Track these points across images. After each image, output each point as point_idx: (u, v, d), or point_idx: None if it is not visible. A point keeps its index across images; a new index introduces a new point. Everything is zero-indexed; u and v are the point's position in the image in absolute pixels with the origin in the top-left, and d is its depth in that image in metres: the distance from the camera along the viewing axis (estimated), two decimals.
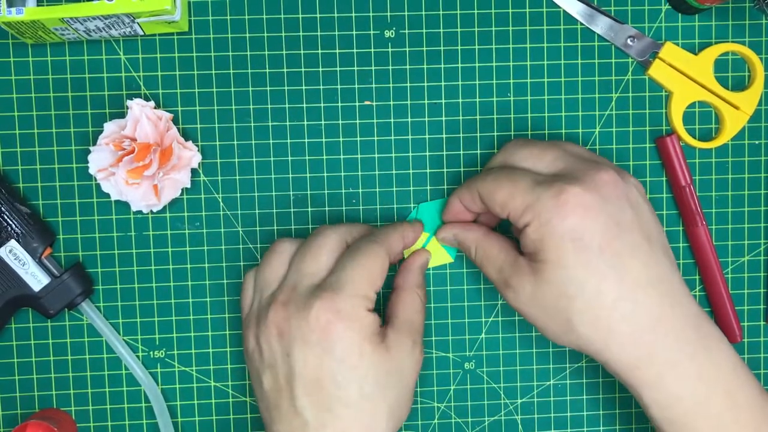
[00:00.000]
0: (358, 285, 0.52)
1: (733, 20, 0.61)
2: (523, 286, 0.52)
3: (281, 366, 0.51)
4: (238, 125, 0.59)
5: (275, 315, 0.52)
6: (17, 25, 0.53)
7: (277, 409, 0.52)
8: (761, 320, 0.63)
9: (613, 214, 0.50)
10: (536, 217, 0.50)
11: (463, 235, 0.57)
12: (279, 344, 0.51)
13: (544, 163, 0.52)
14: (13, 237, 0.56)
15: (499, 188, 0.52)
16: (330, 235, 0.54)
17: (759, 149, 0.62)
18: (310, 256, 0.53)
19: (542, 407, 0.62)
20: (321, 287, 0.51)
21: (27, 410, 0.60)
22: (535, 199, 0.50)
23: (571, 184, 0.50)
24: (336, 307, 0.50)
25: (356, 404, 0.51)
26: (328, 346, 0.50)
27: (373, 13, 0.59)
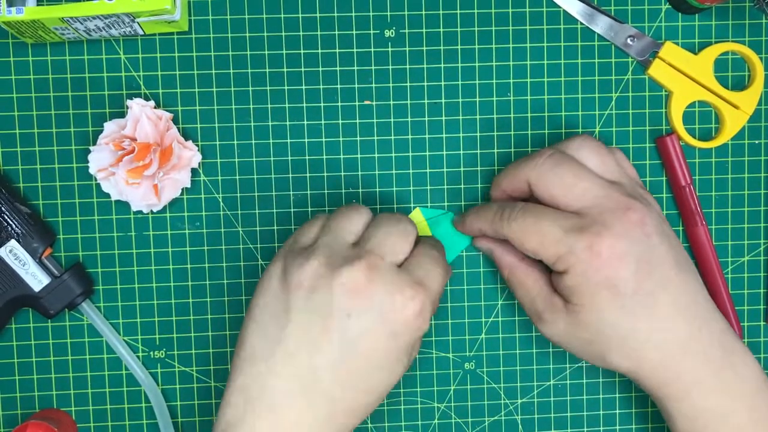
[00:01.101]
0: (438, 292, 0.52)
1: (733, 20, 0.61)
2: (557, 322, 0.54)
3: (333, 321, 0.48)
4: (238, 125, 0.59)
5: (360, 272, 0.48)
6: (17, 24, 0.53)
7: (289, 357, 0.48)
8: (761, 320, 0.63)
9: (643, 254, 0.51)
10: (571, 267, 0.51)
11: (500, 254, 0.58)
12: (347, 299, 0.48)
13: (573, 196, 0.52)
14: (13, 237, 0.56)
15: (528, 239, 0.52)
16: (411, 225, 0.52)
17: (759, 149, 0.62)
18: (395, 237, 0.51)
19: (542, 407, 0.62)
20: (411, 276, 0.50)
21: (27, 410, 0.60)
22: (568, 251, 0.51)
23: (602, 234, 0.50)
24: (424, 304, 0.50)
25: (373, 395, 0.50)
26: (398, 333, 0.49)
27: (373, 13, 0.59)
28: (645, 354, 0.52)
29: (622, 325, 0.51)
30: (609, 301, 0.51)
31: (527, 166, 0.54)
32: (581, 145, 0.54)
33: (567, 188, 0.52)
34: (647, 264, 0.51)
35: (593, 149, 0.54)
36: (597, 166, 0.54)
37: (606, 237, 0.50)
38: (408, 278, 0.50)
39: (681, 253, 0.53)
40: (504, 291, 0.61)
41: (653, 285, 0.51)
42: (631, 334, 0.52)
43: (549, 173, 0.53)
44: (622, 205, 0.52)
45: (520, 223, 0.53)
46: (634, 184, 0.54)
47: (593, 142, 0.54)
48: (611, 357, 0.53)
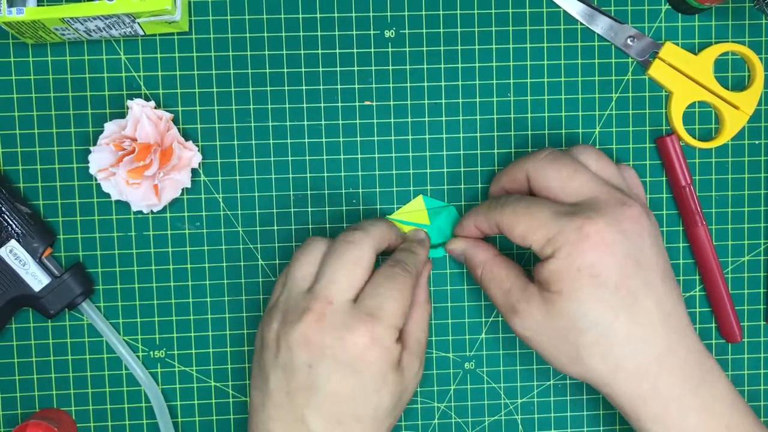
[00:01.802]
0: (396, 316, 0.52)
1: (733, 20, 0.61)
2: (532, 313, 0.52)
3: (300, 373, 0.51)
4: (239, 125, 0.59)
5: (307, 326, 0.50)
6: (17, 25, 0.53)
7: (278, 407, 0.51)
8: (761, 320, 0.63)
9: (632, 251, 0.50)
10: (557, 250, 0.50)
11: (472, 252, 0.57)
12: (305, 354, 0.50)
13: (571, 189, 0.52)
14: (13, 237, 0.56)
15: (519, 222, 0.52)
16: (365, 248, 0.53)
17: (759, 149, 0.62)
18: (346, 271, 0.52)
19: (542, 407, 0.62)
20: (361, 309, 0.51)
21: (27, 410, 0.60)
22: (557, 231, 0.50)
23: (593, 218, 0.50)
24: (375, 335, 0.50)
25: (367, 420, 0.51)
26: (359, 369, 0.50)
27: (373, 13, 0.59)
28: (621, 360, 0.51)
29: (600, 319, 0.50)
30: (590, 289, 0.50)
31: (527, 161, 0.54)
32: (584, 149, 0.54)
33: (564, 181, 0.52)
34: (635, 262, 0.50)
35: (595, 154, 0.54)
36: (598, 170, 0.54)
37: (597, 221, 0.50)
38: (358, 314, 0.51)
39: (668, 265, 0.53)
40: None
41: (637, 285, 0.50)
42: (609, 333, 0.50)
43: (548, 166, 0.53)
44: (619, 200, 0.51)
45: (513, 207, 0.53)
46: (636, 195, 0.54)
47: (596, 150, 0.55)
48: (586, 356, 0.51)
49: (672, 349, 0.51)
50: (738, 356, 0.63)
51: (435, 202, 0.60)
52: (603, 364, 0.51)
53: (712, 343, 0.63)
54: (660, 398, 0.51)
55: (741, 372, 0.63)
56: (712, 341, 0.63)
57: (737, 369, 0.63)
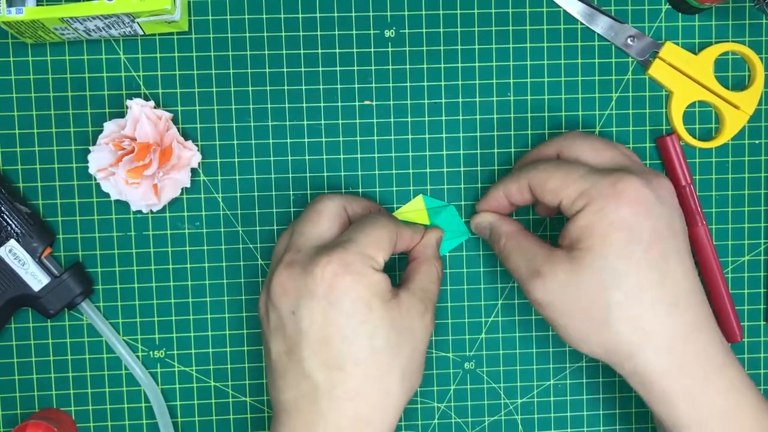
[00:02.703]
0: (367, 245, 0.50)
1: (733, 20, 0.61)
2: (557, 273, 0.50)
3: (288, 326, 0.50)
4: (238, 125, 0.59)
5: (279, 276, 0.50)
6: (17, 24, 0.53)
7: (283, 376, 0.50)
8: (761, 320, 0.63)
9: (665, 216, 0.49)
10: (590, 203, 0.49)
11: (498, 224, 0.56)
12: (285, 303, 0.50)
13: (603, 159, 0.52)
14: (12, 237, 0.56)
15: (552, 177, 0.51)
16: (326, 201, 0.53)
17: (759, 149, 0.62)
18: (310, 222, 0.52)
19: (542, 407, 0.62)
20: (327, 245, 0.51)
21: (27, 410, 0.60)
22: (591, 186, 0.50)
23: (630, 176, 0.49)
24: (343, 261, 0.49)
25: (367, 360, 0.49)
26: (335, 299, 0.49)
27: (373, 13, 0.59)
28: (650, 326, 0.49)
29: (628, 277, 0.48)
30: (621, 245, 0.48)
31: (559, 137, 0.55)
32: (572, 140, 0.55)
33: (597, 152, 0.52)
34: (667, 228, 0.49)
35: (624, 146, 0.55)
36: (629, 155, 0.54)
37: (634, 180, 0.49)
38: (326, 250, 0.50)
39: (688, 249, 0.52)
40: (504, 291, 0.61)
41: (669, 250, 0.49)
42: (638, 292, 0.48)
43: (580, 140, 0.53)
44: (654, 173, 0.51)
45: (546, 164, 0.52)
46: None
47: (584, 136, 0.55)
48: (613, 320, 0.49)
49: (698, 325, 0.50)
50: (738, 356, 0.63)
51: (435, 201, 0.60)
52: (632, 329, 0.49)
53: None
54: (689, 375, 0.49)
55: None
56: None
57: None
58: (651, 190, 0.49)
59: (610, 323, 0.49)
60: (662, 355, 0.49)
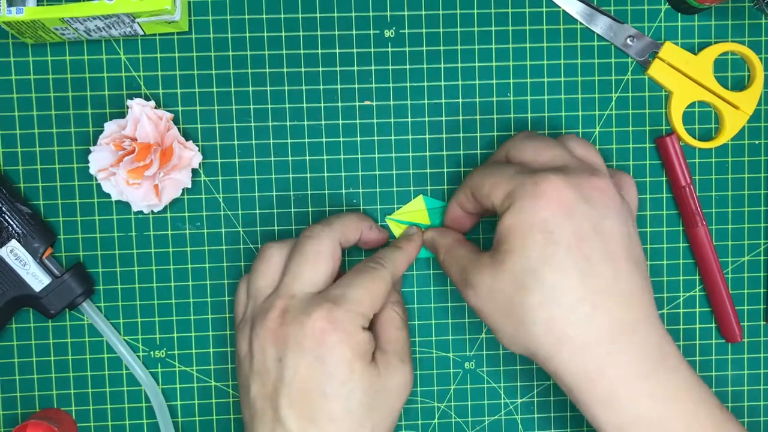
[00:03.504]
0: (360, 303, 0.51)
1: (732, 20, 0.61)
2: (483, 280, 0.50)
3: (272, 371, 0.51)
4: (239, 125, 0.59)
5: (272, 321, 0.51)
6: (17, 24, 0.53)
7: (260, 417, 0.51)
8: (761, 320, 0.63)
9: (591, 216, 0.48)
10: (513, 203, 0.49)
11: (438, 238, 0.57)
12: (273, 349, 0.51)
13: (543, 158, 0.51)
14: (14, 237, 0.56)
15: (485, 181, 0.52)
16: (325, 241, 0.53)
17: (759, 149, 0.62)
18: (308, 265, 0.52)
19: (542, 407, 0.62)
20: (322, 296, 0.51)
21: (27, 410, 0.60)
22: (516, 186, 0.49)
23: (553, 176, 0.48)
24: (333, 317, 0.50)
25: (342, 418, 0.50)
26: (321, 355, 0.50)
27: (373, 13, 0.59)
28: (568, 328, 0.47)
29: (547, 278, 0.47)
30: (540, 246, 0.47)
31: (508, 140, 0.55)
32: (571, 137, 0.54)
33: (537, 152, 0.52)
34: (594, 229, 0.48)
35: (582, 142, 0.53)
36: (581, 156, 0.52)
37: (557, 180, 0.48)
38: (318, 300, 0.51)
39: (639, 251, 0.50)
40: None
41: (594, 251, 0.47)
42: (556, 295, 0.47)
43: (524, 141, 0.53)
44: (588, 170, 0.50)
45: (484, 167, 0.53)
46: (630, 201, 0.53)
47: (584, 140, 0.54)
48: (530, 322, 0.48)
49: (626, 328, 0.48)
50: (738, 356, 0.63)
51: (435, 202, 0.60)
52: (548, 331, 0.48)
53: (712, 343, 0.63)
54: (608, 379, 0.48)
55: (741, 372, 0.63)
56: (712, 341, 0.63)
57: (737, 369, 0.63)
58: (576, 190, 0.48)
59: (528, 325, 0.48)
60: (579, 357, 0.48)
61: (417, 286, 0.61)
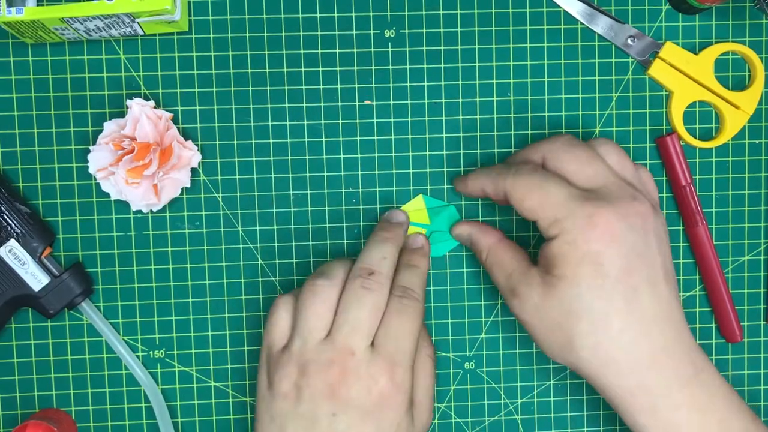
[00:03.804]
0: (411, 354, 0.53)
1: (733, 20, 0.61)
2: (531, 295, 0.52)
3: (322, 422, 0.51)
4: (238, 125, 0.59)
5: (333, 378, 0.51)
6: (17, 24, 0.53)
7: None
8: (761, 320, 0.63)
9: (637, 245, 0.50)
10: (563, 233, 0.50)
11: (477, 236, 0.57)
12: (329, 404, 0.51)
13: (585, 175, 0.52)
14: (12, 236, 0.56)
15: (530, 196, 0.52)
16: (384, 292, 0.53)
17: (759, 149, 0.62)
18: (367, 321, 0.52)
19: (542, 407, 0.62)
20: (382, 356, 0.52)
21: (27, 410, 0.60)
22: (566, 216, 0.50)
23: (604, 208, 0.50)
24: (396, 382, 0.52)
25: None
26: (380, 417, 0.51)
27: (373, 13, 0.59)
28: (613, 353, 0.51)
29: (596, 308, 0.50)
30: (590, 276, 0.50)
31: (544, 144, 0.54)
32: (605, 143, 0.54)
33: (580, 166, 0.52)
34: (639, 257, 0.50)
35: (615, 149, 0.54)
36: (615, 163, 0.53)
37: (608, 212, 0.50)
38: (380, 362, 0.51)
39: (672, 265, 0.53)
40: None
41: (639, 281, 0.50)
42: (604, 323, 0.50)
43: (565, 151, 0.53)
44: (630, 195, 0.51)
45: (527, 178, 0.52)
46: (649, 194, 0.55)
47: (616, 146, 0.54)
48: (578, 346, 0.51)
49: (665, 347, 0.51)
50: (738, 356, 0.63)
51: (435, 201, 0.60)
52: (594, 354, 0.51)
53: (712, 343, 0.63)
54: (649, 393, 0.51)
55: (741, 372, 0.63)
56: (712, 341, 0.63)
57: (737, 369, 0.63)
58: (623, 221, 0.50)
59: (575, 347, 0.51)
60: (624, 376, 0.51)
61: None
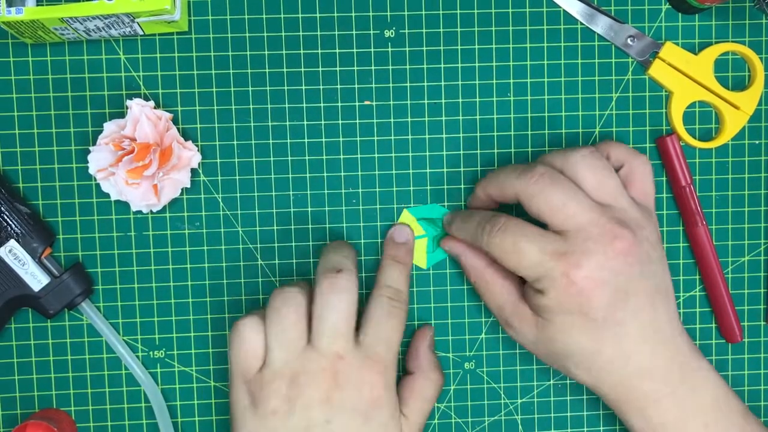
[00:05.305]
0: (397, 352, 0.53)
1: (733, 20, 0.61)
2: (524, 331, 0.54)
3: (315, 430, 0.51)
4: (238, 125, 0.59)
5: (326, 384, 0.51)
6: (17, 24, 0.53)
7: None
8: (761, 320, 0.63)
9: (620, 285, 0.51)
10: (546, 290, 0.51)
11: (466, 259, 0.58)
12: (322, 412, 0.51)
13: (559, 220, 0.51)
14: (12, 237, 0.56)
15: (507, 257, 0.52)
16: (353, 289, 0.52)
17: (759, 149, 0.62)
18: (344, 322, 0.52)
19: (542, 407, 0.62)
20: (371, 356, 0.52)
21: (27, 410, 0.60)
22: (544, 275, 0.51)
23: (580, 263, 0.50)
24: (387, 382, 0.52)
25: None
26: (371, 417, 0.52)
27: (373, 13, 0.59)
28: (605, 375, 0.53)
29: (587, 347, 0.52)
30: (579, 325, 0.51)
31: (518, 181, 0.53)
32: (581, 161, 0.53)
33: (554, 210, 0.51)
34: (623, 294, 0.51)
35: (591, 168, 0.53)
36: (592, 187, 0.52)
37: (584, 266, 0.50)
38: (370, 363, 0.52)
39: (663, 279, 0.53)
40: None
41: (624, 314, 0.51)
42: (595, 356, 0.52)
43: (539, 193, 0.52)
44: (608, 234, 0.51)
45: (500, 240, 0.53)
46: (631, 206, 0.53)
47: (594, 161, 0.53)
48: (574, 370, 0.54)
49: (656, 362, 0.53)
50: (738, 356, 0.63)
51: (419, 210, 0.60)
52: (588, 376, 0.54)
53: (712, 343, 0.63)
54: (640, 401, 0.53)
55: (741, 372, 0.63)
56: (712, 341, 0.63)
57: (737, 369, 0.63)
58: (603, 270, 0.50)
59: (570, 371, 0.54)
60: (616, 389, 0.53)
61: (417, 287, 0.61)
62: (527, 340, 0.55)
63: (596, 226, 0.51)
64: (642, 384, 0.53)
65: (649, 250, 0.52)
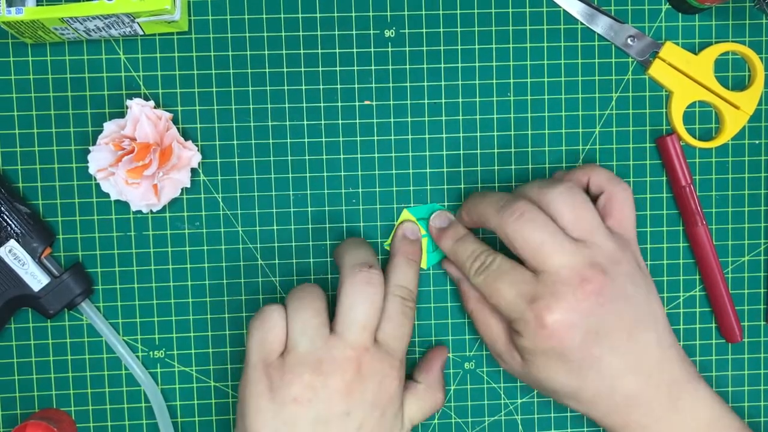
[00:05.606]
0: (406, 352, 0.55)
1: (733, 20, 0.61)
2: (514, 366, 0.56)
3: (334, 423, 0.51)
4: (238, 125, 0.59)
5: (350, 375, 0.51)
6: (17, 24, 0.53)
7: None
8: (761, 320, 0.63)
9: (592, 325, 0.52)
10: (522, 331, 0.53)
11: (462, 284, 0.59)
12: (344, 403, 0.51)
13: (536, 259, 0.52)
14: (12, 237, 0.56)
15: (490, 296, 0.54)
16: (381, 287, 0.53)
17: (759, 149, 0.62)
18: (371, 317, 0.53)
19: (542, 407, 0.62)
20: (389, 353, 0.53)
21: (27, 410, 0.60)
22: (519, 318, 0.52)
23: (551, 307, 0.51)
24: (402, 376, 0.54)
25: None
26: (386, 410, 0.53)
27: (373, 13, 0.59)
28: (594, 407, 0.54)
29: (569, 384, 0.53)
30: (557, 365, 0.52)
31: (498, 217, 0.54)
32: (558, 197, 0.53)
33: (532, 250, 0.52)
34: (596, 334, 0.52)
35: (569, 204, 0.53)
36: (569, 222, 0.53)
37: (554, 310, 0.51)
38: (390, 359, 0.53)
39: (646, 306, 0.54)
40: None
41: (601, 350, 0.52)
42: (580, 393, 0.53)
43: (518, 231, 0.52)
44: (579, 277, 0.51)
45: (484, 280, 0.54)
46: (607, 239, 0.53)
47: (570, 197, 0.53)
48: (566, 402, 0.55)
49: (641, 390, 0.53)
50: (738, 356, 0.63)
51: (419, 209, 0.60)
52: (579, 407, 0.55)
53: (712, 343, 0.63)
54: (630, 428, 0.54)
55: (741, 372, 0.63)
56: (712, 341, 0.63)
57: (737, 369, 0.63)
58: (573, 312, 0.51)
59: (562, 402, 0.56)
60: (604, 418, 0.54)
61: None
62: (517, 374, 0.56)
63: (568, 269, 0.52)
64: (632, 412, 0.53)
65: (624, 284, 0.53)
